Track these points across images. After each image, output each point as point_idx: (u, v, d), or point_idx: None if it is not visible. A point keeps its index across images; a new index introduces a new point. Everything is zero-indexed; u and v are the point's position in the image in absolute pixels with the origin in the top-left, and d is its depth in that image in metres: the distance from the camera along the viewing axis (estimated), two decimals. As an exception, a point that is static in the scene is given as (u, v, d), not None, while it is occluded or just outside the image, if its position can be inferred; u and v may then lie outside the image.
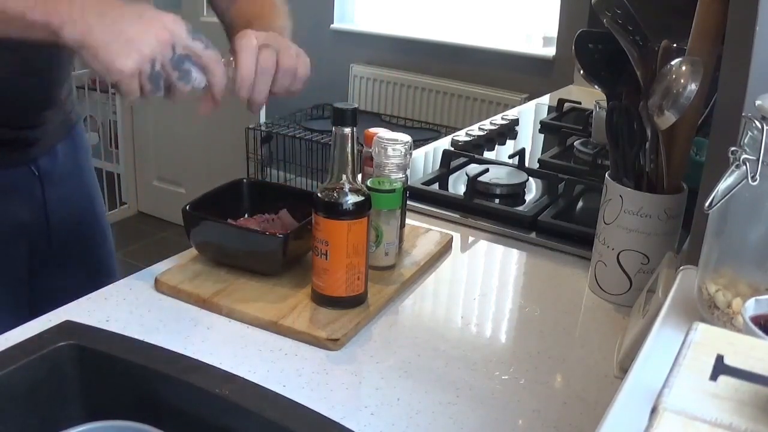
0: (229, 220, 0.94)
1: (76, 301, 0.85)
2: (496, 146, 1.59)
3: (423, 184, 1.25)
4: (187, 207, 0.92)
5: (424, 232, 1.07)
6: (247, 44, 0.83)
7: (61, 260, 1.12)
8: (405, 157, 0.94)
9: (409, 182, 1.24)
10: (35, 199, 1.06)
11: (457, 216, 1.16)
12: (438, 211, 1.18)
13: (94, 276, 1.14)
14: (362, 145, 0.99)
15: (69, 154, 1.12)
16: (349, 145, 0.80)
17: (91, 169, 1.20)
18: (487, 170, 1.25)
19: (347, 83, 3.46)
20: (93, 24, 0.72)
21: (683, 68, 0.76)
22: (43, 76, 1.02)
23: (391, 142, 0.93)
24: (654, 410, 0.36)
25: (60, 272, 1.11)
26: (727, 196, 0.56)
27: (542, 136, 1.72)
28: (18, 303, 1.06)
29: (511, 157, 1.40)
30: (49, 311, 0.81)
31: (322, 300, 0.84)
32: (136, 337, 0.76)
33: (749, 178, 0.54)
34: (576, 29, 1.00)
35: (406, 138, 0.95)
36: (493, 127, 1.65)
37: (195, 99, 0.82)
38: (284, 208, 0.98)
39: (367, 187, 0.87)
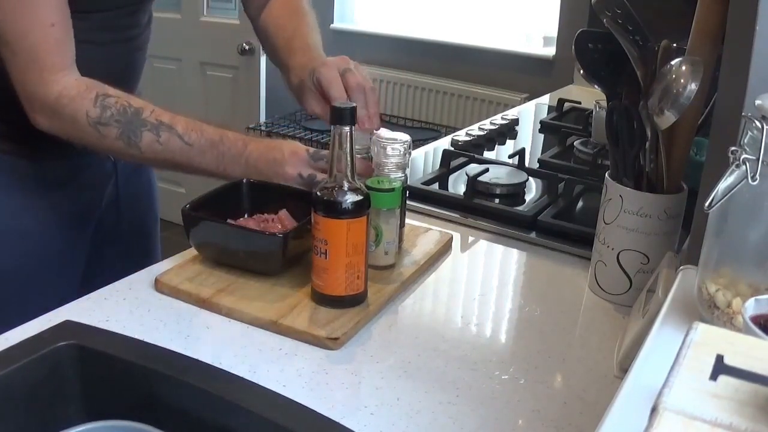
0: (229, 220, 0.94)
1: (76, 301, 0.85)
2: (496, 146, 1.59)
3: (423, 183, 1.25)
4: (187, 207, 0.92)
5: (424, 231, 1.07)
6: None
7: (120, 243, 1.24)
8: (404, 156, 0.94)
9: (408, 182, 1.25)
10: (111, 188, 1.19)
11: (457, 216, 1.16)
12: (438, 210, 1.18)
13: (146, 255, 1.29)
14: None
15: None
16: (348, 144, 0.80)
17: (155, 172, 1.34)
18: (487, 170, 1.25)
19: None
20: (250, 174, 0.98)
21: (683, 68, 0.76)
22: (128, 73, 1.13)
23: (390, 142, 0.93)
24: (654, 410, 0.36)
25: (120, 250, 1.23)
26: (727, 196, 0.56)
27: (542, 135, 1.72)
28: (70, 284, 1.13)
29: (511, 156, 1.40)
30: (104, 284, 0.88)
31: (322, 299, 0.84)
32: (136, 337, 0.76)
33: (749, 178, 0.54)
34: (576, 29, 1.00)
35: (405, 137, 0.95)
36: (493, 127, 1.65)
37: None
38: (284, 208, 0.97)
39: (366, 186, 0.87)
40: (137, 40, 1.11)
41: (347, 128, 0.80)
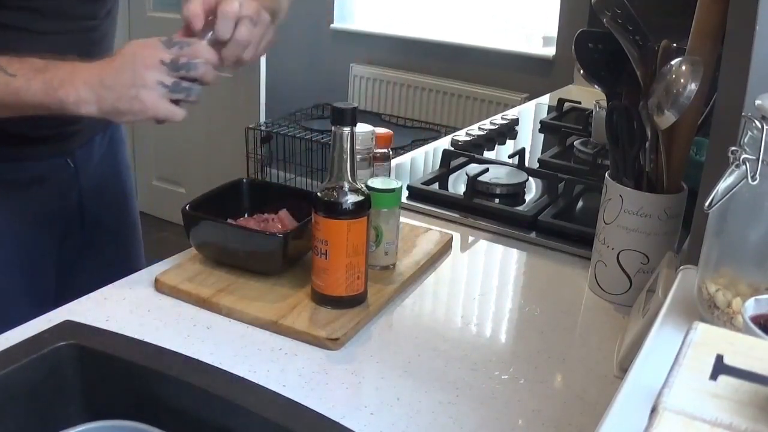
0: (229, 220, 0.94)
1: (76, 301, 0.85)
2: (496, 146, 1.59)
3: (423, 183, 1.25)
4: (187, 207, 0.92)
5: (424, 231, 1.07)
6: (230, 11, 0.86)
7: (91, 251, 1.15)
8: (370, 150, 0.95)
9: (409, 182, 1.25)
10: (72, 190, 1.09)
11: (457, 216, 1.16)
12: (438, 210, 1.18)
13: (122, 265, 1.17)
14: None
15: (105, 147, 1.15)
16: (349, 144, 0.80)
17: (127, 162, 1.24)
18: (487, 170, 1.25)
19: (347, 83, 3.46)
20: (99, 92, 0.82)
21: (683, 68, 0.76)
22: None
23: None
24: (654, 410, 0.36)
25: (89, 261, 1.15)
26: (727, 196, 0.56)
27: (542, 135, 1.72)
28: (45, 291, 1.09)
29: (511, 156, 1.40)
30: (75, 298, 0.84)
31: (322, 299, 0.84)
32: (136, 337, 0.76)
33: (749, 178, 0.54)
34: (576, 29, 1.00)
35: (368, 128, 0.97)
36: (493, 127, 1.65)
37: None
38: (284, 208, 0.98)
39: (366, 186, 0.87)
40: (93, 33, 1.04)
41: (347, 128, 0.80)
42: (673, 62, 0.78)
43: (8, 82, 0.83)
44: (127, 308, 0.85)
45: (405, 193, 1.21)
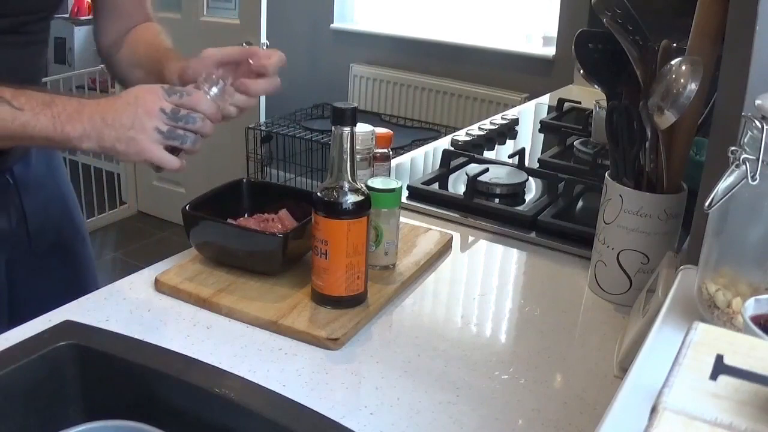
0: (229, 220, 0.94)
1: (76, 301, 0.85)
2: (496, 146, 1.59)
3: (423, 183, 1.25)
4: (187, 207, 0.92)
5: (424, 231, 1.07)
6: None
7: (41, 267, 1.11)
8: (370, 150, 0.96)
9: (409, 182, 1.25)
10: (13, 207, 1.06)
11: (457, 216, 1.16)
12: (438, 210, 1.18)
13: (74, 283, 1.14)
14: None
15: (42, 161, 1.11)
16: (349, 144, 0.80)
17: (66, 176, 1.20)
18: (487, 170, 1.25)
19: (347, 83, 3.47)
20: (101, 130, 0.84)
21: (683, 68, 0.76)
22: (12, 84, 1.00)
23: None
24: (654, 410, 0.36)
25: (40, 280, 1.11)
26: (726, 196, 0.56)
27: (542, 135, 1.72)
28: None
29: (511, 156, 1.40)
30: (29, 319, 0.80)
31: (322, 299, 0.84)
32: (136, 337, 0.76)
33: (749, 178, 0.54)
34: (576, 29, 1.00)
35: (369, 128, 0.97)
36: (493, 127, 1.65)
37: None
38: (284, 208, 0.97)
39: (366, 186, 0.87)
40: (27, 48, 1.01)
41: (347, 128, 0.80)
42: (673, 62, 0.78)
43: (15, 116, 0.84)
44: (127, 308, 0.85)
45: (405, 193, 1.21)
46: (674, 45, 0.84)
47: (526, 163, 1.38)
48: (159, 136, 0.84)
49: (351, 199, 0.81)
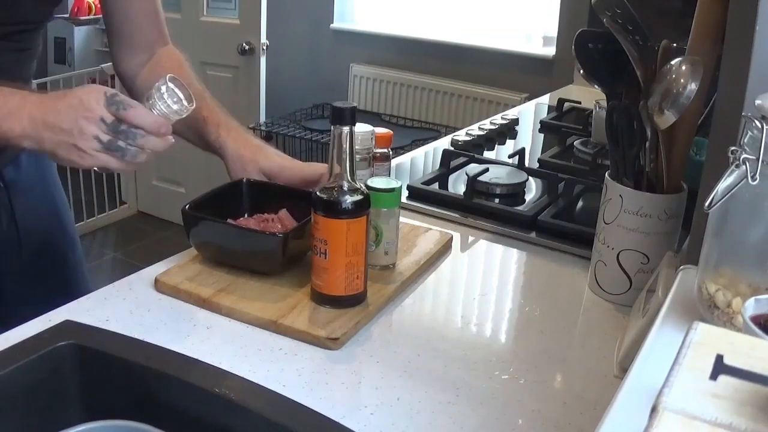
0: (229, 220, 0.94)
1: (76, 301, 0.85)
2: (496, 146, 1.59)
3: (423, 183, 1.25)
4: (187, 207, 0.92)
5: (424, 231, 1.07)
6: None
7: (31, 271, 1.10)
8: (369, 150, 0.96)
9: (409, 182, 1.25)
10: (3, 210, 1.06)
11: (457, 216, 1.16)
12: (438, 210, 1.18)
13: (65, 286, 1.13)
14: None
15: (33, 164, 1.11)
16: (348, 144, 0.80)
17: (57, 179, 1.19)
18: (486, 170, 1.25)
19: (347, 83, 3.46)
20: (41, 132, 0.80)
21: (683, 68, 0.76)
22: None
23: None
24: (654, 410, 0.36)
25: (30, 283, 1.10)
26: (726, 196, 0.56)
27: (542, 135, 1.72)
28: None
29: (511, 156, 1.40)
30: (18, 322, 0.80)
31: (322, 299, 0.84)
32: (136, 337, 0.76)
33: (749, 178, 0.54)
34: (576, 29, 1.00)
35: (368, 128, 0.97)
36: (493, 127, 1.65)
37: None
38: (284, 208, 0.97)
39: (366, 186, 0.87)
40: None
41: (347, 128, 0.80)
42: (673, 62, 0.78)
43: None
44: (127, 308, 0.85)
45: (405, 193, 1.21)
46: (674, 45, 0.84)
47: (526, 163, 1.38)
48: (99, 145, 0.80)
49: (350, 198, 0.81)
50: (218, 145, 1.04)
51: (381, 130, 1.04)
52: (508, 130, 1.69)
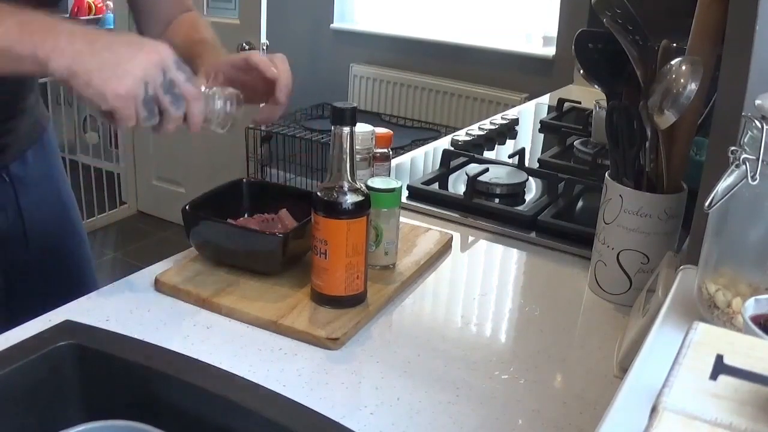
0: (229, 220, 0.94)
1: (76, 301, 0.85)
2: (496, 146, 1.59)
3: (423, 183, 1.25)
4: (187, 207, 0.92)
5: (424, 231, 1.07)
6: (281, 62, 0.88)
7: (38, 267, 1.10)
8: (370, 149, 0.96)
9: (409, 182, 1.25)
10: (10, 206, 1.05)
11: (457, 216, 1.16)
12: (438, 210, 1.18)
13: (71, 283, 1.13)
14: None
15: (40, 160, 1.10)
16: (348, 144, 0.80)
17: (63, 175, 1.18)
18: (487, 170, 1.25)
19: (347, 83, 3.47)
20: (82, 50, 0.72)
21: (683, 68, 0.76)
22: (10, 84, 0.99)
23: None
24: (654, 410, 0.36)
25: (37, 279, 1.10)
26: (726, 196, 0.56)
27: (542, 135, 1.72)
28: None
29: (511, 156, 1.40)
30: (26, 320, 0.79)
31: (322, 299, 0.84)
32: (136, 337, 0.76)
33: (749, 178, 0.54)
34: (576, 29, 1.00)
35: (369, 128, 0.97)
36: (493, 127, 1.65)
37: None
38: (284, 208, 0.98)
39: (366, 186, 0.87)
40: None
41: (347, 128, 0.80)
42: (673, 62, 0.78)
43: None
44: (127, 308, 0.85)
45: (405, 193, 1.21)
46: (674, 45, 0.85)
47: (526, 163, 1.38)
48: (139, 93, 0.73)
49: (350, 198, 0.81)
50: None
51: (381, 130, 1.04)
52: (508, 130, 1.69)
